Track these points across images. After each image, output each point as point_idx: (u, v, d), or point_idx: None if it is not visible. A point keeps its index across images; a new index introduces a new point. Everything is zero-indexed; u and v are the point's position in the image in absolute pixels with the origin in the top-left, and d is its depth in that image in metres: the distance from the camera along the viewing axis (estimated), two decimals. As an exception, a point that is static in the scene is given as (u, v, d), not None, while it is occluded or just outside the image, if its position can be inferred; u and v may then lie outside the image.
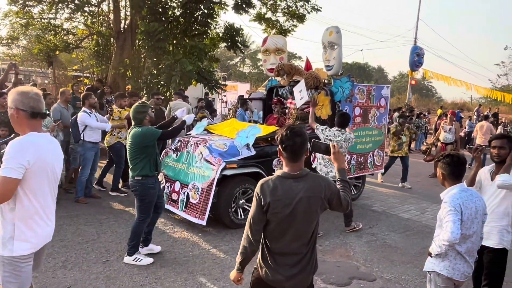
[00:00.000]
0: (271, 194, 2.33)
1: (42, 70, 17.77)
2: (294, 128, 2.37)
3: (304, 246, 2.41)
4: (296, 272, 2.40)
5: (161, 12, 10.78)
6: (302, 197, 2.32)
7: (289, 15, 13.78)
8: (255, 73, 42.18)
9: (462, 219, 2.86)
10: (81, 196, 6.64)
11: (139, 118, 4.45)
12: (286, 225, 2.35)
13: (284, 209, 2.32)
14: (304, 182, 2.35)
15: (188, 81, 10.37)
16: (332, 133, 5.73)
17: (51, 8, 12.37)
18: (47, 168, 2.54)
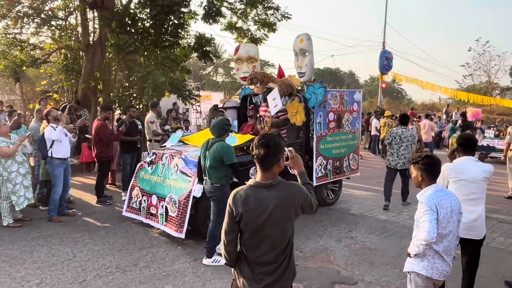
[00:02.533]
0: (243, 205, 2.31)
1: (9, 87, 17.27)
2: (264, 138, 2.35)
3: (280, 254, 2.38)
4: (273, 280, 2.36)
5: (131, 24, 10.64)
6: (276, 205, 2.29)
7: (260, 23, 13.88)
8: (228, 82, 42.21)
9: (438, 219, 2.92)
10: (54, 215, 6.43)
11: (225, 130, 4.96)
12: (260, 234, 2.33)
13: (257, 219, 2.30)
14: (277, 191, 2.33)
15: (161, 93, 10.25)
16: (400, 131, 7.56)
17: (16, 23, 12.05)
18: None
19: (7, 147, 5.93)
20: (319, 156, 7.04)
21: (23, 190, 6.13)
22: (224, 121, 5.09)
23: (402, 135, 7.50)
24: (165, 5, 9.89)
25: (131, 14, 10.72)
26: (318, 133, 6.99)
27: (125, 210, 6.45)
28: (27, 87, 16.35)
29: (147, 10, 10.58)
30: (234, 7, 13.80)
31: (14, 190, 6.04)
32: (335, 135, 7.32)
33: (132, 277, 4.47)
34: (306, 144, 7.07)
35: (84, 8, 11.78)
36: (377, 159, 14.33)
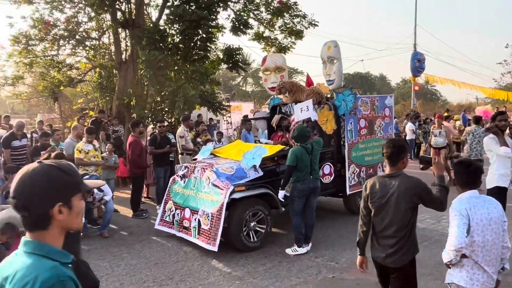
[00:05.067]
0: (370, 188, 3.21)
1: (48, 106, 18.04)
2: (392, 140, 3.29)
3: (399, 231, 3.08)
4: (393, 251, 3.10)
5: (160, 40, 10.90)
6: (394, 191, 3.05)
7: (287, 32, 13.90)
8: (258, 91, 42.38)
9: (470, 225, 2.79)
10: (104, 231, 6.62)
11: (308, 136, 5.65)
12: (382, 213, 3.12)
13: (380, 200, 3.12)
14: (398, 181, 3.08)
15: (191, 106, 10.42)
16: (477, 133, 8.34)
17: (53, 45, 12.61)
18: None
19: None
20: (352, 164, 6.92)
21: None
22: (304, 129, 5.77)
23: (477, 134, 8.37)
24: (192, 20, 10.07)
25: (161, 30, 11.00)
26: (349, 141, 6.89)
27: (158, 223, 6.54)
28: (65, 106, 17.02)
29: (176, 25, 10.81)
30: (261, 17, 13.90)
31: None
32: (367, 142, 7.18)
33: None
34: (338, 152, 6.98)
35: (116, 27, 12.18)
36: (414, 164, 13.92)
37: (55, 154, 6.37)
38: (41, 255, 1.32)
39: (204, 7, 10.40)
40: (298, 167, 5.52)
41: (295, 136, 5.68)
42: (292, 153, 5.54)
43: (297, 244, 5.61)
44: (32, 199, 1.32)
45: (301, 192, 5.57)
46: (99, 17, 12.88)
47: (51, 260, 1.32)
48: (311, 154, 5.61)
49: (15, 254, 1.37)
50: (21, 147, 7.62)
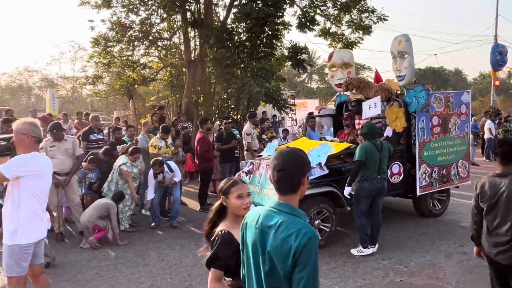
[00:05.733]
0: (480, 188, 3.23)
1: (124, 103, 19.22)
2: (503, 140, 3.37)
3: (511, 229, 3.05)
4: (504, 249, 3.08)
5: (228, 39, 11.16)
6: (504, 190, 3.05)
7: (354, 27, 13.55)
8: (323, 88, 41.77)
9: None
10: (174, 221, 6.95)
11: (378, 133, 5.60)
12: (493, 212, 3.13)
13: (490, 199, 3.13)
14: (508, 179, 3.08)
15: (256, 103, 10.55)
16: None
17: (129, 46, 13.39)
18: (45, 178, 3.45)
19: (131, 173, 6.57)
20: (423, 163, 6.59)
21: (130, 200, 6.71)
22: (374, 126, 5.65)
23: None
24: (259, 17, 10.18)
25: (228, 28, 11.24)
26: (421, 139, 6.56)
27: (225, 217, 6.69)
28: (138, 103, 18.03)
29: (243, 24, 10.99)
30: (327, 13, 13.68)
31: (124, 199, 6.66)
32: (440, 141, 6.80)
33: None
34: (408, 151, 6.68)
35: (186, 27, 12.66)
36: (493, 165, 12.95)
37: (132, 147, 6.83)
38: (294, 215, 1.79)
39: (271, 5, 10.47)
40: (367, 164, 5.37)
41: (365, 133, 5.52)
42: (362, 148, 5.40)
43: (362, 244, 5.46)
44: (296, 170, 1.83)
45: (368, 192, 5.41)
46: (170, 18, 13.47)
47: (301, 219, 1.79)
48: (380, 151, 5.43)
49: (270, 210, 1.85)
50: (97, 140, 8.16)
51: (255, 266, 1.86)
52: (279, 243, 1.73)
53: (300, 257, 1.67)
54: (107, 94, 17.05)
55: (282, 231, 1.74)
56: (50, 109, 18.17)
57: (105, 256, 5.52)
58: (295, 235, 1.70)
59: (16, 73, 40.58)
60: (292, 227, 1.73)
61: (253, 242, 1.87)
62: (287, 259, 1.70)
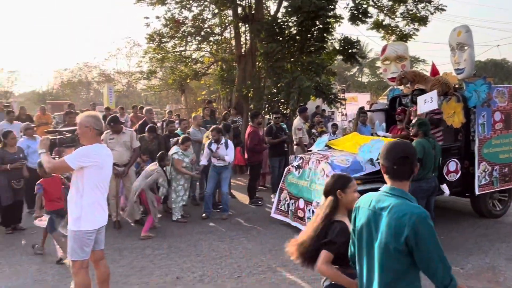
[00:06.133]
0: None
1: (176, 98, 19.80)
2: None
3: None
4: None
5: (278, 33, 11.15)
6: None
7: (409, 18, 13.04)
8: (375, 82, 40.60)
9: None
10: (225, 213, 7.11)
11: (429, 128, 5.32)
12: None
13: None
14: None
15: (306, 97, 10.47)
16: None
17: (182, 42, 13.76)
18: (106, 169, 3.61)
19: (182, 162, 6.80)
20: (483, 161, 6.26)
21: (182, 191, 6.94)
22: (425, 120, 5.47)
23: None
24: (311, 11, 10.06)
25: (279, 23, 11.23)
26: (480, 136, 6.23)
27: (274, 212, 6.76)
28: (190, 97, 18.50)
29: (293, 17, 10.92)
30: (381, 5, 13.26)
31: (176, 189, 6.88)
32: (502, 138, 6.42)
33: (282, 277, 4.67)
34: (466, 148, 6.36)
35: (237, 22, 12.79)
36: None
37: (183, 136, 7.18)
38: (405, 198, 2.00)
39: (322, -2, 10.31)
40: (424, 162, 5.10)
41: (420, 123, 5.24)
42: (419, 144, 5.11)
43: None
44: (415, 157, 2.09)
45: (425, 192, 5.17)
46: (222, 13, 13.67)
47: (412, 202, 2.00)
48: (434, 149, 5.22)
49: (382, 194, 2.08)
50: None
51: (367, 244, 2.09)
52: (392, 223, 1.93)
53: (417, 236, 1.87)
54: (161, 89, 17.64)
55: (395, 212, 1.94)
56: (107, 103, 19.07)
57: (159, 245, 5.75)
58: (409, 216, 1.90)
59: (77, 68, 42.92)
60: (405, 208, 1.94)
61: (366, 222, 2.10)
62: (399, 237, 1.90)
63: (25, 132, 7.37)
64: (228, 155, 7.08)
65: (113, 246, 5.56)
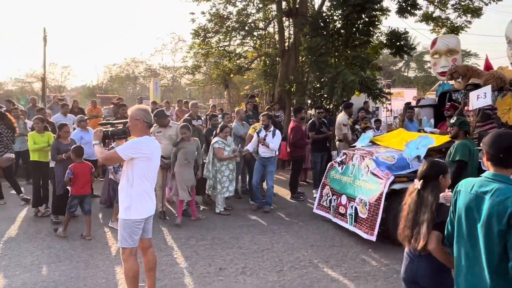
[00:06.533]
0: None
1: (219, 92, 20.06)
2: None
3: None
4: None
5: (323, 27, 11.00)
6: None
7: (462, 10, 12.45)
8: (422, 77, 39.12)
9: None
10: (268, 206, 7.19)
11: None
12: None
13: None
14: None
15: (350, 92, 10.28)
16: None
17: (226, 37, 13.90)
18: (154, 161, 3.72)
19: (223, 151, 6.92)
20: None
21: (227, 182, 7.04)
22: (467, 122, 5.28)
23: None
24: (357, 4, 9.86)
25: (323, 17, 11.07)
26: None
27: (316, 207, 6.73)
28: (233, 92, 18.69)
29: (339, 11, 10.74)
30: (431, -4, 12.76)
31: (221, 180, 6.99)
32: None
33: (324, 273, 4.65)
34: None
35: (281, 17, 12.74)
36: None
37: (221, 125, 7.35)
38: (508, 183, 2.08)
39: (369, -10, 10.06)
40: (469, 166, 4.82)
41: (461, 122, 5.01)
42: (464, 145, 4.87)
43: None
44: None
45: None
46: (266, 8, 13.65)
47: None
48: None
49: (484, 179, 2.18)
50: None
51: (469, 226, 2.20)
52: (495, 206, 2.03)
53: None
54: (205, 83, 17.91)
55: (498, 195, 2.04)
56: (153, 97, 19.65)
57: (202, 236, 5.89)
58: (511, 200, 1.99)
59: (125, 64, 44.45)
60: (508, 192, 2.03)
61: (466, 205, 2.21)
62: (502, 219, 1.99)
63: (78, 124, 7.75)
64: (273, 143, 7.12)
65: (158, 236, 5.75)
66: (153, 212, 3.81)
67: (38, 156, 6.74)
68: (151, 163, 3.69)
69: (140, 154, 3.56)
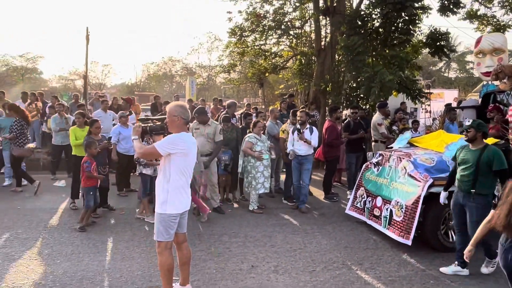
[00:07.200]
0: None
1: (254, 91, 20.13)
2: None
3: None
4: None
5: (360, 25, 10.82)
6: None
7: (509, 7, 11.90)
8: (463, 78, 37.74)
9: None
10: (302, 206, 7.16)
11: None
12: None
13: None
14: None
15: (388, 92, 10.05)
16: None
17: (262, 35, 13.93)
18: (191, 156, 3.76)
19: (251, 145, 6.93)
20: None
21: (262, 178, 7.03)
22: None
23: None
24: (397, 2, 9.63)
25: (362, 15, 10.88)
26: None
27: (349, 208, 6.63)
28: (268, 91, 18.71)
29: (378, 9, 10.53)
30: (476, -7, 12.29)
31: (256, 176, 7.00)
32: None
33: (357, 275, 4.57)
34: None
35: (318, 15, 12.63)
36: None
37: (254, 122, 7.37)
38: None
39: (410, -13, 9.80)
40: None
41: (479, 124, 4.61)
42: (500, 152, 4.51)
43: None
44: None
45: None
46: (303, 6, 13.58)
47: None
48: None
49: None
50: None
51: None
52: None
53: None
54: (240, 82, 18.02)
55: None
56: (189, 95, 19.94)
57: (235, 233, 5.92)
58: None
59: (162, 62, 45.45)
60: None
61: None
62: None
63: (119, 120, 7.98)
64: (313, 139, 7.10)
65: (192, 231, 5.84)
66: (188, 207, 3.87)
67: (80, 151, 6.97)
68: (187, 159, 3.75)
69: (177, 149, 3.62)
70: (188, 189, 3.85)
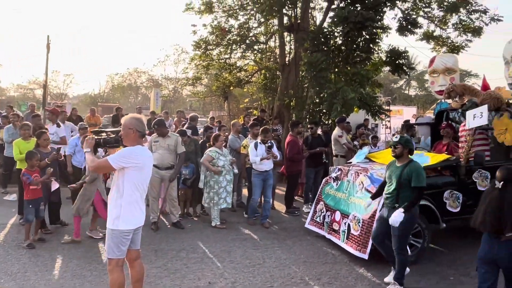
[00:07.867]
0: None
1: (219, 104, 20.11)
2: None
3: None
4: None
5: (323, 43, 11.06)
6: None
7: (462, 29, 12.52)
8: (422, 96, 39.35)
9: None
10: (251, 218, 7.12)
11: None
12: None
13: None
14: None
15: (349, 108, 10.27)
16: None
17: (227, 49, 13.97)
18: (146, 170, 3.69)
19: (211, 159, 6.83)
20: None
21: (225, 193, 6.95)
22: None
23: None
24: (357, 21, 9.92)
25: (324, 32, 11.14)
26: (535, 155, 5.85)
27: (308, 222, 6.66)
28: (233, 105, 18.73)
29: (339, 27, 10.80)
30: (432, 15, 12.86)
31: (218, 191, 6.91)
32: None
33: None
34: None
35: (282, 31, 12.83)
36: None
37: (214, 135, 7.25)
38: None
39: (370, 8, 10.13)
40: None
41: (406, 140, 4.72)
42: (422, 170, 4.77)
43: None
44: None
45: None
46: (267, 22, 13.75)
47: None
48: None
49: None
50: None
51: None
52: None
53: None
54: (205, 95, 17.96)
55: None
56: (154, 107, 19.72)
57: (193, 249, 5.81)
58: None
59: (127, 73, 44.73)
60: None
61: None
62: None
63: (79, 131, 7.74)
64: (277, 153, 7.30)
65: (149, 247, 5.68)
66: (142, 223, 3.76)
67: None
68: (142, 173, 3.65)
69: (131, 163, 3.52)
70: (142, 204, 3.74)
